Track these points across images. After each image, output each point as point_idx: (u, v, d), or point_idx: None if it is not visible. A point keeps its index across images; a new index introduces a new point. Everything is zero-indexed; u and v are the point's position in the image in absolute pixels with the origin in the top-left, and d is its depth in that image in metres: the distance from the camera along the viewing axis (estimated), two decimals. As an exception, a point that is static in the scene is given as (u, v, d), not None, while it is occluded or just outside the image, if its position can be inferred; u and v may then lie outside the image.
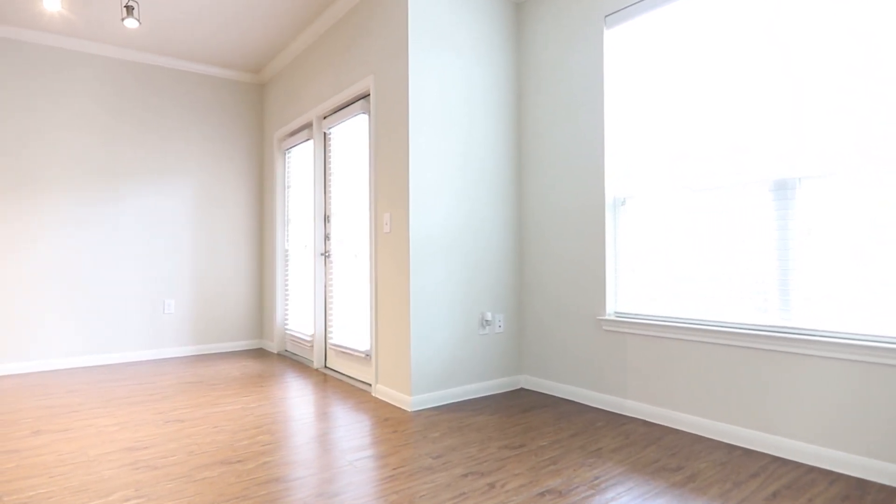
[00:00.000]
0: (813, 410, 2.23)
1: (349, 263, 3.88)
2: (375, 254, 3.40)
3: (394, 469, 2.22)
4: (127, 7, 3.58)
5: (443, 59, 3.23)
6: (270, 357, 4.72)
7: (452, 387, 3.23)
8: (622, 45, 3.02)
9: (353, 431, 2.70)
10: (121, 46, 4.48)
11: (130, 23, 3.63)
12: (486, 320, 3.38)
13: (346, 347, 3.82)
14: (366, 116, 3.61)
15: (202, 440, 2.58)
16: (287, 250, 4.85)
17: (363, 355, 3.59)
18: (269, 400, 3.30)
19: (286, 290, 4.87)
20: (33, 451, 2.46)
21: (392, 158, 3.25)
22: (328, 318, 4.14)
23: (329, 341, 4.12)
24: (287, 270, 4.86)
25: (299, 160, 4.65)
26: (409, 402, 3.05)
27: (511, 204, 3.55)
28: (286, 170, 4.89)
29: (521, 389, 3.51)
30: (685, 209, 2.72)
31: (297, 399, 3.32)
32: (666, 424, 2.74)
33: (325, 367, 4.19)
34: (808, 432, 2.24)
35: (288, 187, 4.86)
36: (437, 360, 3.17)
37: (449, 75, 3.26)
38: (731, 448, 2.42)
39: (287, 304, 4.86)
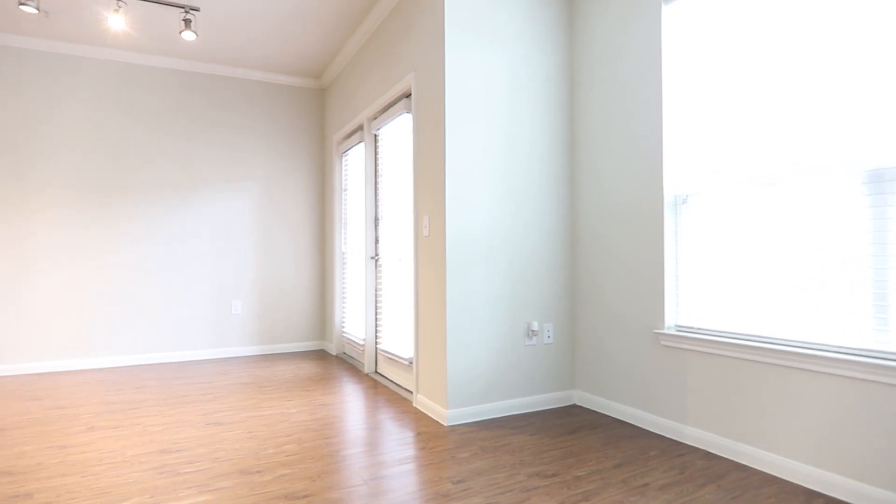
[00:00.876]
0: (921, 458, 1.77)
1: (396, 267, 3.78)
2: (417, 258, 3.26)
3: (408, 493, 2.06)
4: (185, 20, 3.72)
5: (485, 50, 3.02)
6: (328, 359, 4.76)
7: (494, 401, 3.01)
8: (682, 21, 2.64)
9: (381, 446, 2.58)
10: (188, 59, 4.71)
11: (188, 35, 3.77)
12: (532, 330, 3.13)
13: (392, 354, 3.72)
14: (409, 115, 3.49)
15: (231, 446, 2.58)
16: (344, 253, 4.87)
17: (407, 363, 3.47)
18: (310, 406, 3.28)
19: (343, 293, 4.88)
20: (80, 447, 2.58)
21: (430, 158, 3.09)
22: (378, 322, 4.08)
23: (378, 346, 4.05)
24: (344, 273, 4.87)
25: (354, 163, 4.64)
26: (446, 415, 2.88)
27: (561, 204, 3.27)
28: (343, 173, 4.90)
29: (574, 406, 3.21)
30: (758, 207, 2.31)
31: (338, 406, 3.27)
32: (731, 458, 2.34)
33: (376, 372, 4.13)
34: (914, 485, 1.79)
35: (344, 190, 4.87)
36: (477, 372, 2.97)
37: (492, 67, 3.05)
38: (811, 495, 2.00)
39: (344, 308, 4.87)
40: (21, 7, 3.31)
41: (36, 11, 3.39)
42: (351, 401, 3.38)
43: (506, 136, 3.09)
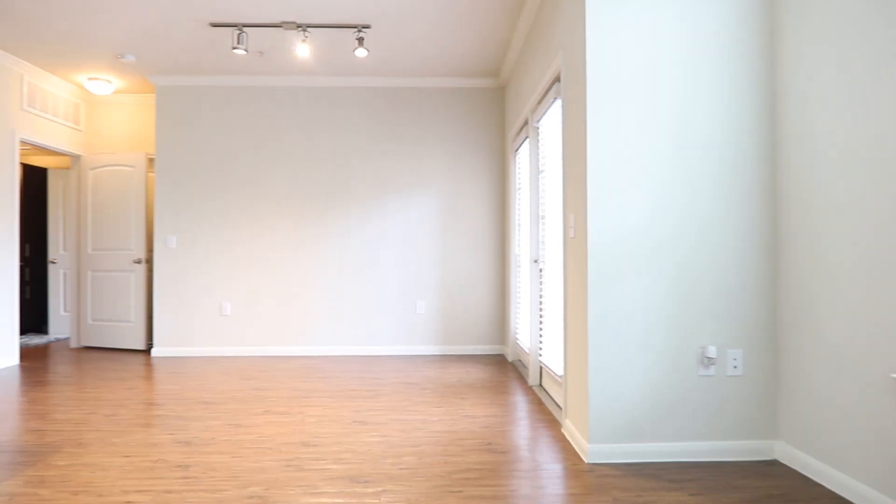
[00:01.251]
0: None
1: (555, 272, 3.40)
2: (565, 263, 2.86)
3: (496, 542, 1.75)
4: (358, 39, 3.98)
5: (645, 8, 2.47)
6: (503, 366, 4.58)
7: (652, 441, 2.43)
8: None
9: (501, 477, 2.29)
10: (374, 76, 5.06)
11: (360, 52, 4.02)
12: (708, 357, 2.43)
13: (550, 368, 3.36)
14: (560, 102, 3.09)
15: (359, 449, 2.60)
16: (517, 255, 4.63)
17: (560, 380, 3.08)
18: (454, 416, 3.14)
19: (518, 297, 4.65)
20: (248, 429, 2.91)
21: (573, 146, 2.66)
22: (541, 331, 3.74)
23: (540, 358, 3.72)
24: (518, 277, 4.64)
25: (523, 160, 4.37)
26: (587, 450, 2.43)
27: (757, 195, 2.47)
28: (516, 171, 4.67)
29: (774, 464, 2.40)
30: None
31: (481, 420, 3.07)
32: None
33: (540, 385, 3.80)
34: None
35: (518, 189, 4.63)
36: (628, 404, 2.44)
37: (656, 28, 2.47)
38: None
39: (518, 313, 4.64)
40: (234, 51, 3.96)
41: (245, 52, 4.02)
42: (498, 416, 3.14)
43: (673, 114, 2.47)
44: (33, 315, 6.55)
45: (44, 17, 3.86)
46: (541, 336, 3.72)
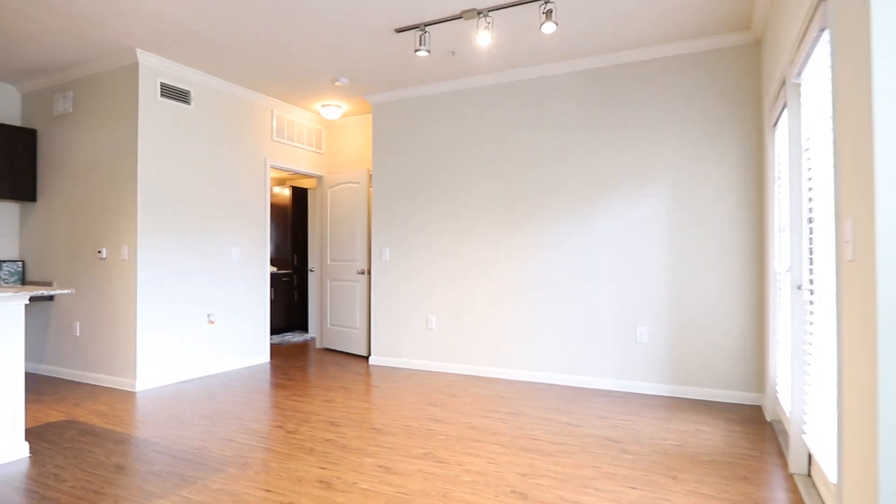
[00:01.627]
0: None
1: (828, 307, 2.16)
2: (839, 297, 1.71)
3: None
4: (546, 13, 3.32)
5: None
6: (757, 427, 3.29)
7: None
8: None
9: None
10: (571, 59, 4.26)
11: (548, 27, 3.34)
12: None
13: (818, 458, 2.13)
14: (827, 35, 1.89)
15: (498, 540, 1.97)
16: (777, 273, 3.28)
17: (834, 488, 1.88)
18: (652, 507, 2.22)
19: (776, 333, 3.29)
20: (393, 478, 2.55)
21: (850, 103, 1.53)
22: (804, 392, 2.47)
23: (803, 434, 2.44)
24: (778, 304, 3.28)
25: (782, 137, 3.04)
26: None
27: None
28: (774, 154, 3.31)
29: None
30: None
31: (693, 524, 2.08)
32: None
33: (808, 476, 2.51)
34: None
35: (777, 178, 3.27)
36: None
37: None
38: None
39: (778, 354, 3.28)
40: (416, 53, 3.72)
41: (427, 53, 3.75)
42: (722, 521, 2.10)
43: None
44: (299, 316, 7.65)
45: (266, 55, 4.26)
46: (805, 400, 2.45)
